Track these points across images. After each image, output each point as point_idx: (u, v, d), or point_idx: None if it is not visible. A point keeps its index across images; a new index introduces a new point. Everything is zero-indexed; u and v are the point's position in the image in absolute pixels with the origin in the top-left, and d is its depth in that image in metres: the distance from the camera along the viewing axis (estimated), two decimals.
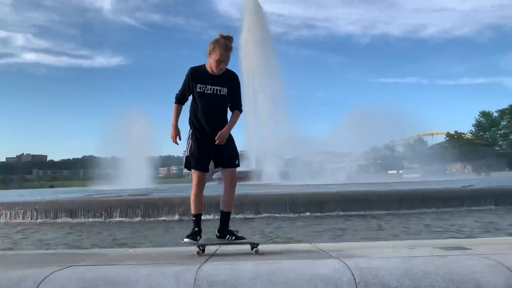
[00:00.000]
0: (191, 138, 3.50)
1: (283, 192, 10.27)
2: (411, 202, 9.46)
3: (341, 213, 9.00)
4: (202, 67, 3.47)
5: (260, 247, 3.34)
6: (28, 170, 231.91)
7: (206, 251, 3.30)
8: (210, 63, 3.40)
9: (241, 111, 3.62)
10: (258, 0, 41.49)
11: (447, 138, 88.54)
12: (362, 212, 9.07)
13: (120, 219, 8.94)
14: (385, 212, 9.13)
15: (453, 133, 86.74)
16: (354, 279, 2.31)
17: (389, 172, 71.21)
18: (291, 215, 8.88)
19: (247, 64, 38.05)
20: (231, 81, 3.51)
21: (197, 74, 3.43)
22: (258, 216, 8.82)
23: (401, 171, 71.39)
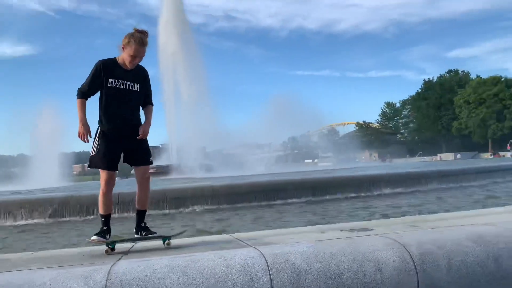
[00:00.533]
0: (99, 136, 3.33)
1: (202, 185, 10.25)
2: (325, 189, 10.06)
3: (263, 203, 9.23)
4: (113, 61, 3.30)
5: (177, 241, 3.32)
6: None
7: (119, 250, 3.19)
8: (123, 57, 3.26)
9: (152, 105, 3.57)
10: None
11: (357, 128, 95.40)
12: (280, 201, 9.42)
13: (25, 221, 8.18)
14: (304, 199, 9.58)
15: (362, 122, 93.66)
16: (268, 265, 2.41)
17: (305, 161, 74.73)
18: (211, 207, 8.92)
19: (166, 53, 36.96)
20: (143, 77, 3.42)
21: (108, 68, 3.25)
22: (179, 210, 8.70)
23: (316, 160, 75.34)
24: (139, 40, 3.21)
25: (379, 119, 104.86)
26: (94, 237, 3.21)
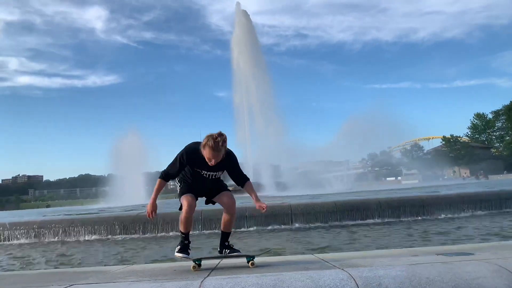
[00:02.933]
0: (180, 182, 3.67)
1: (282, 204, 10.22)
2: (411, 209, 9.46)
3: (351, 222, 8.94)
4: (198, 151, 3.45)
5: (262, 259, 3.33)
6: (24, 190, 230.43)
7: (207, 266, 3.28)
8: (205, 156, 3.42)
9: (249, 179, 3.78)
10: (248, 13, 41.96)
11: (443, 142, 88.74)
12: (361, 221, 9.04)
13: (122, 236, 8.85)
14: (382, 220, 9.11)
15: (449, 136, 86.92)
16: None
17: (388, 179, 71.26)
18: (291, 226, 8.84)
19: (239, 77, 38.33)
20: (226, 163, 3.57)
21: (191, 159, 3.49)
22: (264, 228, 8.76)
23: (399, 178, 71.45)
24: (214, 146, 3.32)
25: (469, 132, 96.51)
26: (179, 254, 3.44)
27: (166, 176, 3.58)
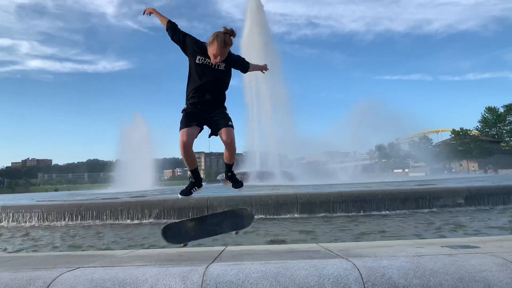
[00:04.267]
0: (183, 111, 3.66)
1: (289, 193, 10.25)
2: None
3: (357, 212, 8.97)
4: (205, 45, 3.53)
5: (266, 247, 3.35)
6: (33, 174, 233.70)
7: (213, 250, 3.32)
8: (210, 54, 3.46)
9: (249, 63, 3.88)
10: (260, 0, 41.57)
11: (453, 135, 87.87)
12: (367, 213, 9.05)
13: (130, 221, 8.96)
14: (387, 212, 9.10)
15: (459, 130, 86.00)
16: (362, 278, 2.30)
17: (395, 171, 70.97)
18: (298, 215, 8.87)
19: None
20: (229, 56, 3.57)
21: (199, 47, 3.53)
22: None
23: (406, 170, 71.11)
24: (222, 41, 3.36)
25: (479, 126, 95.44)
26: (180, 196, 3.75)
27: (175, 25, 3.76)
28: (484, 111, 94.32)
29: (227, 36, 3.40)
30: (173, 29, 3.71)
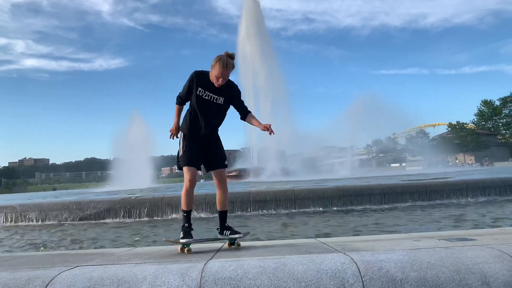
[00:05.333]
0: (184, 139, 3.66)
1: (286, 188, 10.27)
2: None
3: (354, 207, 9.02)
4: (206, 74, 3.63)
5: (264, 242, 3.36)
6: (30, 173, 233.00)
7: (212, 246, 3.32)
8: (213, 79, 3.56)
9: (250, 112, 3.92)
10: None
11: (449, 129, 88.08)
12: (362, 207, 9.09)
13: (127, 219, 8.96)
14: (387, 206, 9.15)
15: (455, 123, 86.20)
16: (360, 272, 2.32)
17: (392, 165, 71.14)
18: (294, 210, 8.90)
19: (245, 61, 38.03)
20: (229, 91, 3.70)
21: (199, 78, 3.60)
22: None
23: (404, 164, 71.30)
24: (224, 63, 3.47)
25: (475, 119, 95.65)
26: (183, 240, 3.42)
27: (180, 100, 3.69)
28: (480, 104, 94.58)
29: (229, 59, 3.51)
30: (184, 98, 3.71)
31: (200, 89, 3.57)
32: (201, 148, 3.64)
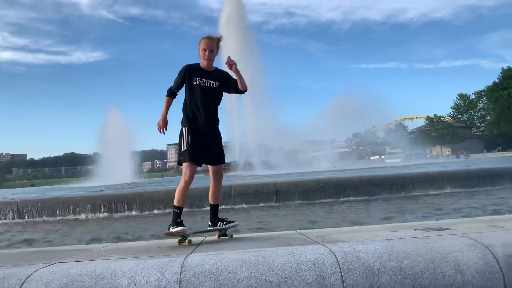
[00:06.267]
0: (186, 133, 3.60)
1: (268, 182, 10.32)
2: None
3: (334, 199, 9.13)
4: (196, 64, 3.73)
5: (246, 235, 3.38)
6: (7, 169, 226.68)
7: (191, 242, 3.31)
8: (200, 58, 3.68)
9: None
10: None
11: (427, 122, 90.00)
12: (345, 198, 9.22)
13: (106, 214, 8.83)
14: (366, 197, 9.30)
15: (432, 116, 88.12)
16: (338, 263, 2.36)
17: (371, 158, 72.29)
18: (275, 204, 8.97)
19: (226, 53, 37.72)
20: (222, 75, 3.79)
21: (191, 69, 3.66)
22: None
23: (383, 157, 72.55)
24: (207, 36, 3.70)
25: (452, 113, 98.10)
26: (176, 229, 3.37)
27: (171, 92, 3.69)
28: (457, 98, 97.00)
29: (211, 35, 3.72)
30: (175, 90, 3.72)
31: (195, 78, 3.61)
32: (204, 145, 3.60)
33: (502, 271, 2.37)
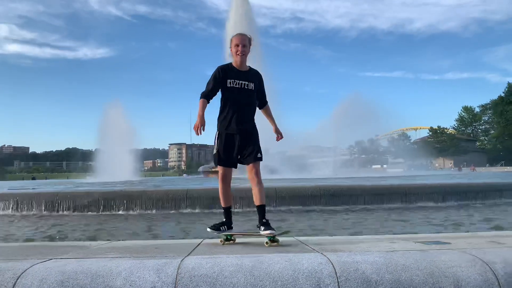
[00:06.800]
0: (219, 137, 3.62)
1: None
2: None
3: (335, 207, 9.07)
4: (229, 65, 3.67)
5: (244, 240, 3.37)
6: (9, 161, 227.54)
7: (190, 242, 3.30)
8: (233, 56, 3.64)
9: (267, 103, 3.97)
10: None
11: (430, 133, 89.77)
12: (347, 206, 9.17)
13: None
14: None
15: (436, 127, 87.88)
16: (336, 273, 2.34)
17: (373, 167, 72.12)
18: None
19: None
20: (257, 77, 3.75)
21: (225, 71, 3.61)
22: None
23: (385, 166, 72.35)
24: (238, 32, 3.73)
25: (456, 125, 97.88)
26: (209, 229, 3.60)
27: (205, 95, 3.57)
28: (461, 110, 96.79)
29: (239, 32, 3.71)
30: (209, 93, 3.62)
31: (229, 80, 3.56)
32: (235, 146, 3.58)
33: None
